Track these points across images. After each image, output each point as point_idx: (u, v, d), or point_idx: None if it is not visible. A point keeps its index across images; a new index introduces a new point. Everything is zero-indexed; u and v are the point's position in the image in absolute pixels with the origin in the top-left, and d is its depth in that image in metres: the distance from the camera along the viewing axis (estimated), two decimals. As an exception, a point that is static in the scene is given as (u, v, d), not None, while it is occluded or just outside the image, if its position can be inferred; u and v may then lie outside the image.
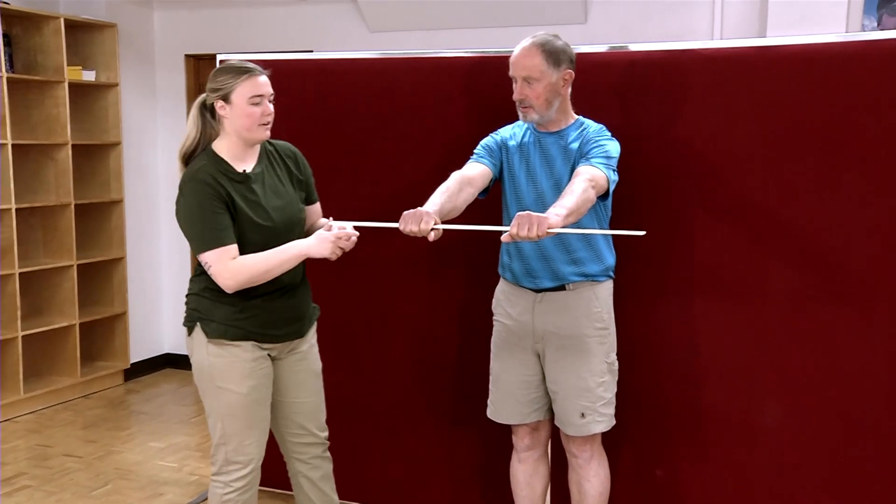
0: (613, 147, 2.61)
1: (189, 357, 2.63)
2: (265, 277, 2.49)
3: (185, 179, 2.50)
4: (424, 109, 3.22)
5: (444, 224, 2.40)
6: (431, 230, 2.33)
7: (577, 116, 2.72)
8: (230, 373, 2.55)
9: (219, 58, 3.37)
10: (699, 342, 2.96)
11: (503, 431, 2.97)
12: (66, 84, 4.96)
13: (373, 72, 3.29)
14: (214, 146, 2.56)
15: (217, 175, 2.48)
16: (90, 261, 5.24)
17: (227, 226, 2.46)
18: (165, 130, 5.68)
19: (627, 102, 2.95)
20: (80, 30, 5.22)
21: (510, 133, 2.76)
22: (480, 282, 3.10)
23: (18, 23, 4.95)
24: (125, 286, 5.46)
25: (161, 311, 5.84)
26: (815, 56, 2.75)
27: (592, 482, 2.80)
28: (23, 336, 4.83)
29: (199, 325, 2.56)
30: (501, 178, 2.75)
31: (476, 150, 2.75)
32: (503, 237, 2.29)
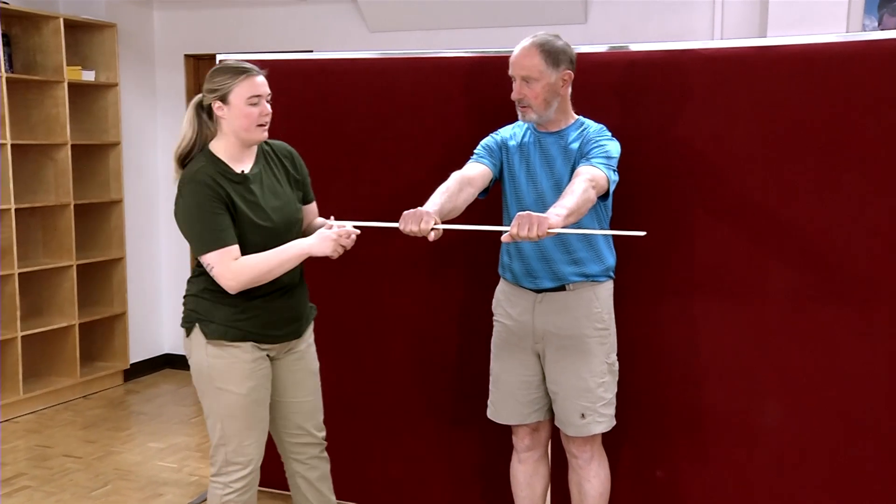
0: (614, 147, 2.61)
1: (187, 358, 2.63)
2: (268, 277, 2.49)
3: (184, 181, 2.48)
4: (424, 109, 3.21)
5: (444, 224, 2.40)
6: (431, 230, 2.33)
7: (578, 116, 2.71)
8: (230, 374, 2.54)
9: (218, 58, 3.37)
10: (699, 342, 2.96)
11: (503, 432, 2.97)
12: (66, 84, 4.95)
13: (373, 72, 3.28)
14: (211, 147, 2.55)
15: (216, 176, 2.47)
16: (90, 261, 5.23)
17: (228, 226, 2.46)
18: (165, 130, 5.68)
19: (627, 102, 2.95)
20: (80, 30, 5.22)
21: (510, 133, 2.76)
22: (480, 282, 3.09)
23: (18, 23, 4.94)
24: (125, 286, 5.46)
25: (161, 312, 5.84)
26: (816, 56, 2.74)
27: (593, 483, 2.80)
28: (22, 336, 4.83)
29: (198, 326, 2.55)
30: (501, 179, 2.75)
31: (476, 151, 2.75)
32: (503, 237, 2.29)
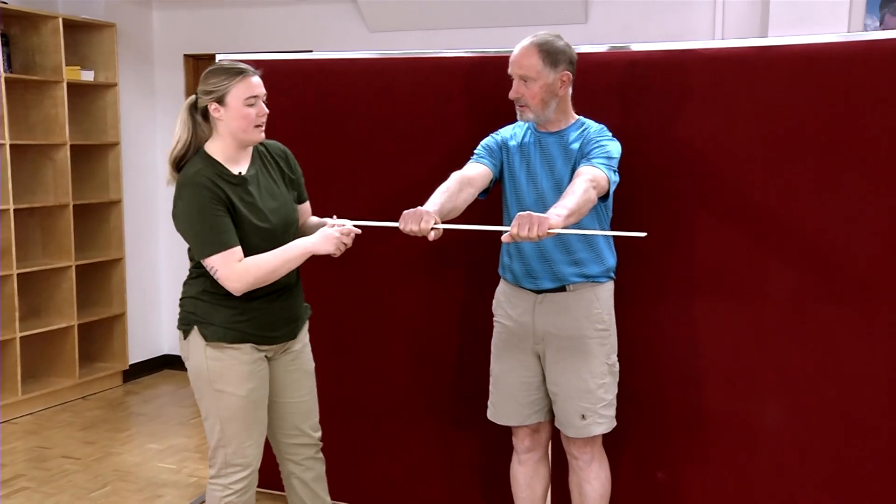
0: (614, 147, 2.60)
1: (185, 360, 2.62)
2: (272, 277, 2.48)
3: (183, 184, 2.46)
4: (424, 109, 3.21)
5: (444, 224, 2.39)
6: (431, 230, 2.33)
7: (578, 116, 2.71)
8: (229, 376, 2.53)
9: (218, 58, 3.36)
10: (700, 343, 2.95)
11: (503, 433, 2.96)
12: (65, 84, 4.95)
13: (372, 72, 3.28)
14: (207, 148, 2.53)
15: (214, 178, 2.46)
16: (89, 261, 5.22)
17: (230, 228, 2.44)
18: (164, 130, 5.67)
19: (628, 102, 2.94)
20: (79, 29, 5.21)
21: (511, 133, 2.75)
22: (480, 282, 3.09)
23: (17, 22, 4.93)
24: (124, 287, 5.45)
25: (160, 312, 5.83)
26: (817, 56, 2.74)
27: (593, 484, 2.79)
28: (21, 337, 4.82)
29: (197, 329, 2.54)
30: (502, 179, 2.74)
31: (476, 151, 2.74)
32: (503, 237, 2.28)
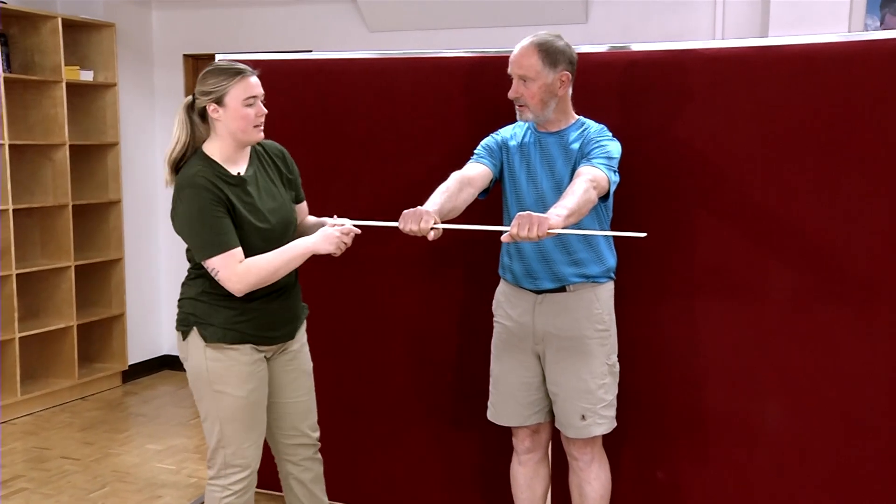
0: (614, 147, 2.60)
1: (183, 361, 2.61)
2: (274, 278, 2.48)
3: (182, 185, 2.45)
4: (424, 109, 3.20)
5: (444, 224, 2.39)
6: (431, 229, 2.33)
7: (578, 117, 2.70)
8: (229, 376, 2.53)
9: (217, 58, 3.35)
10: (700, 343, 2.95)
11: (503, 433, 2.96)
12: (64, 84, 4.94)
13: (372, 72, 3.27)
14: (206, 149, 2.52)
15: (214, 179, 2.45)
16: (88, 262, 5.22)
17: (231, 229, 2.44)
18: (164, 130, 5.66)
19: (628, 102, 2.94)
20: (78, 29, 5.20)
21: (511, 133, 2.75)
22: (480, 282, 3.08)
23: (16, 22, 4.93)
24: (123, 287, 5.44)
25: (159, 313, 5.82)
26: (817, 56, 2.73)
27: (593, 485, 2.79)
28: (20, 338, 4.81)
29: (196, 329, 2.53)
30: (502, 179, 2.73)
31: (476, 151, 2.73)
32: (503, 237, 2.27)
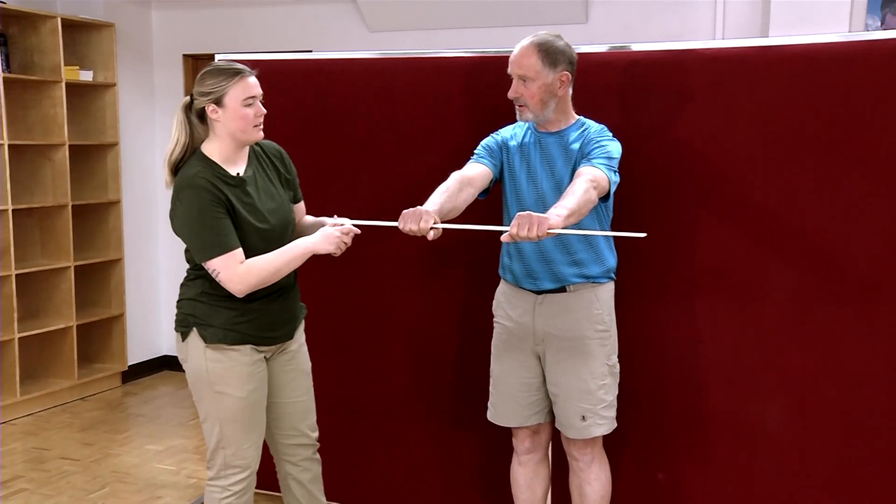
0: (615, 148, 2.59)
1: (181, 362, 2.60)
2: (275, 278, 2.47)
3: (182, 186, 2.44)
4: (424, 109, 3.20)
5: (444, 224, 2.38)
6: (431, 229, 2.32)
7: (578, 117, 2.70)
8: (229, 377, 2.52)
9: (217, 58, 3.35)
10: (700, 343, 2.94)
11: (503, 434, 2.95)
12: (64, 84, 4.94)
13: (372, 72, 3.27)
14: (204, 149, 2.51)
15: (214, 180, 2.44)
16: (87, 262, 5.21)
17: (231, 230, 2.43)
18: (163, 131, 5.65)
19: (628, 103, 2.93)
20: (78, 29, 5.20)
21: (511, 133, 2.74)
22: (480, 282, 3.07)
23: (15, 22, 4.92)
24: (123, 288, 5.43)
25: (159, 313, 5.81)
26: (817, 56, 2.73)
27: (593, 485, 2.78)
28: (20, 338, 4.81)
29: (196, 330, 2.52)
30: (502, 179, 2.73)
31: (476, 151, 2.73)
32: (503, 237, 2.27)
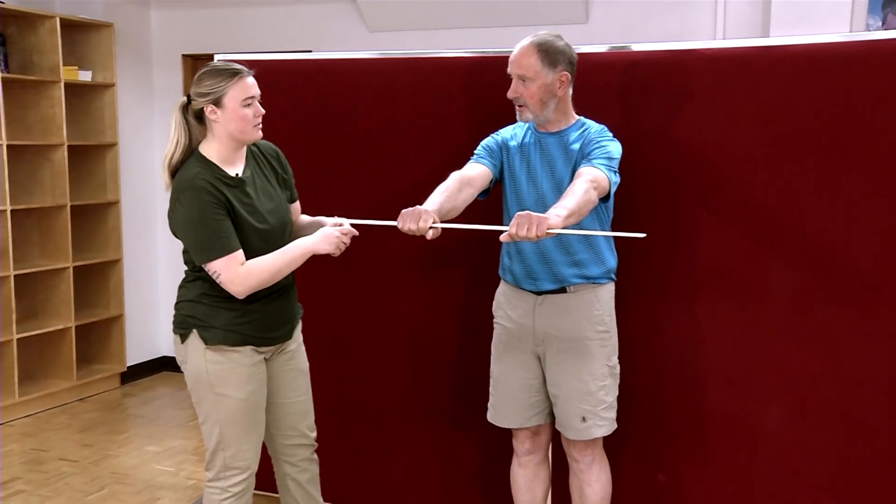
0: (615, 148, 2.59)
1: (180, 364, 2.59)
2: (276, 279, 2.47)
3: (182, 187, 2.43)
4: (424, 109, 3.19)
5: (443, 223, 2.37)
6: (430, 228, 2.31)
7: (579, 117, 2.69)
8: (230, 379, 2.52)
9: (216, 58, 3.34)
10: (700, 344, 2.94)
11: (503, 435, 2.94)
12: (62, 84, 4.93)
13: (372, 72, 3.26)
14: (203, 150, 2.51)
15: (213, 181, 2.43)
16: (86, 263, 5.20)
17: (231, 232, 2.42)
18: (162, 131, 5.64)
19: (628, 103, 2.92)
20: (77, 29, 5.19)
21: (511, 133, 2.73)
22: (480, 283, 3.07)
23: (14, 22, 4.92)
24: (122, 288, 5.43)
25: (158, 314, 5.80)
26: (818, 56, 2.72)
27: (594, 487, 2.78)
28: (18, 339, 4.80)
29: (196, 332, 2.51)
30: (502, 179, 2.72)
31: (476, 151, 2.72)
32: (502, 237, 2.26)
